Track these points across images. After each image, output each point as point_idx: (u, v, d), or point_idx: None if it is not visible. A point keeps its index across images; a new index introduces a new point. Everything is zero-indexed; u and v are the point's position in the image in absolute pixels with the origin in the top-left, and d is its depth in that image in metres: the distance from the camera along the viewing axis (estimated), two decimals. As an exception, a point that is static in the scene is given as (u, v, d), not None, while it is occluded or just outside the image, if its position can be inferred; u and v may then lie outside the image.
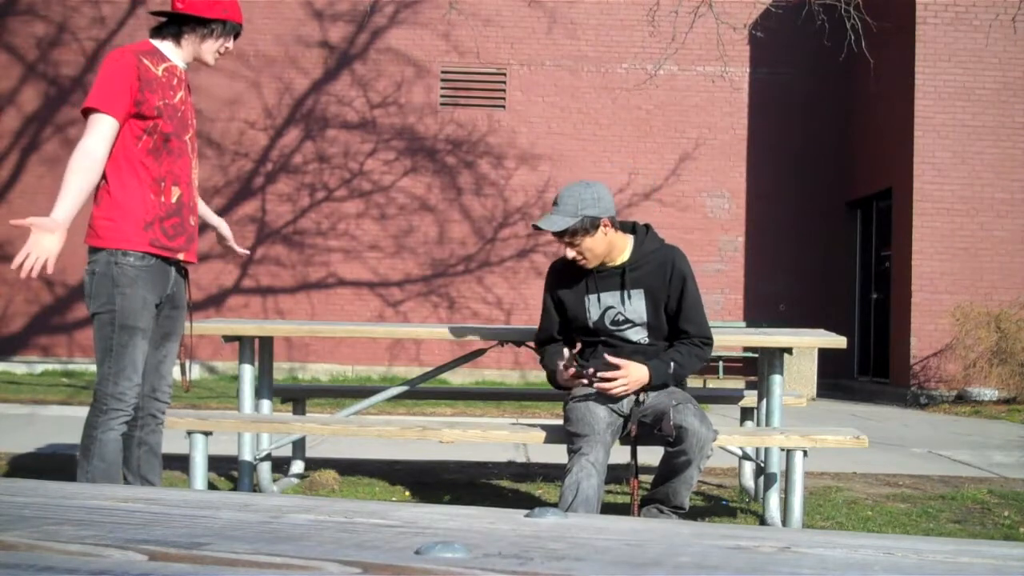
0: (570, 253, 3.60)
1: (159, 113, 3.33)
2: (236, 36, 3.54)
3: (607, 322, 3.70)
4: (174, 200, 3.41)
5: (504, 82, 13.74)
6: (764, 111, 13.69)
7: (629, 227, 3.74)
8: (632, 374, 3.54)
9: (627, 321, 3.69)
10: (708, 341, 3.73)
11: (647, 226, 3.79)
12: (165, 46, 3.46)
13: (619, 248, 3.67)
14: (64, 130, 13.55)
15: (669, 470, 3.55)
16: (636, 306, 3.68)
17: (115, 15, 13.61)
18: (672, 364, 3.62)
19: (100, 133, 3.27)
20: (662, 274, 3.67)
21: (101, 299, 3.35)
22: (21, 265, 3.25)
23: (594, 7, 13.71)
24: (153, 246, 3.36)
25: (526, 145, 13.68)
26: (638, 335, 3.71)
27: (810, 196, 13.67)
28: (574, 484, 3.36)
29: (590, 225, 3.52)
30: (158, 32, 3.50)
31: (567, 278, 3.75)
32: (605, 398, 3.62)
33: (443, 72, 13.73)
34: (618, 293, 3.68)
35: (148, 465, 3.56)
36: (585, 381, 3.58)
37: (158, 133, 3.34)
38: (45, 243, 3.24)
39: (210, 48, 3.47)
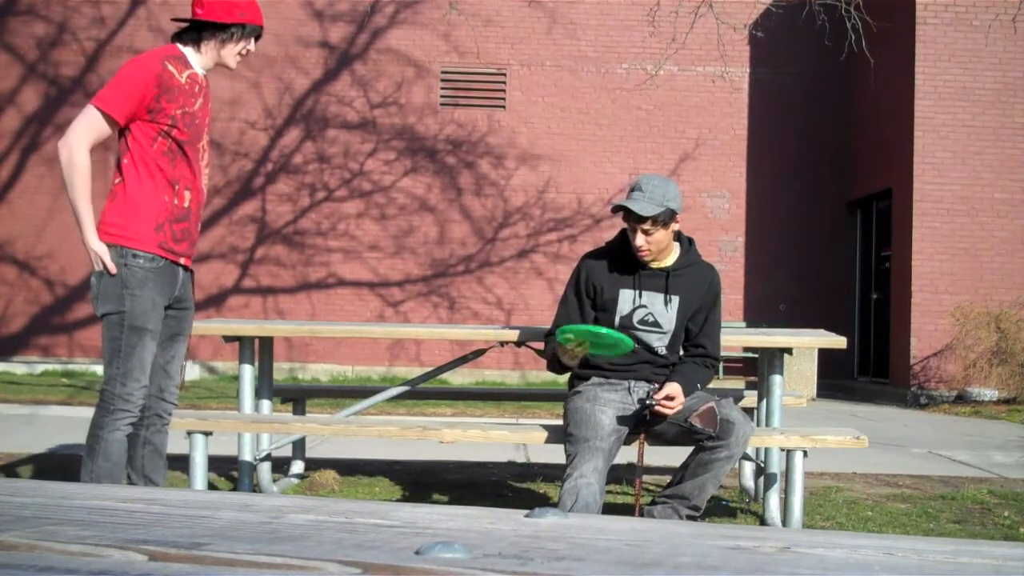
0: (639, 240, 3.60)
1: (174, 123, 3.35)
2: (257, 38, 3.54)
3: (635, 320, 3.70)
4: (186, 204, 3.43)
5: (504, 82, 13.73)
6: (764, 111, 13.69)
7: (675, 236, 3.79)
8: (679, 397, 3.56)
9: (656, 324, 3.70)
10: (718, 362, 3.84)
11: (691, 239, 3.87)
12: (187, 52, 3.48)
13: (669, 250, 3.74)
14: (64, 130, 13.53)
15: (701, 466, 3.53)
16: (670, 313, 3.71)
17: (115, 15, 13.61)
18: (698, 387, 3.68)
19: (81, 129, 3.33)
20: (701, 287, 3.75)
21: (110, 300, 3.35)
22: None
23: (594, 7, 13.71)
24: (161, 248, 3.37)
25: (526, 145, 13.68)
26: (659, 342, 3.72)
27: (810, 196, 13.67)
28: (573, 490, 3.34)
29: (669, 218, 3.58)
30: (179, 38, 3.51)
31: (606, 268, 3.75)
32: (611, 403, 3.63)
33: (443, 72, 13.73)
34: (661, 296, 3.70)
35: (152, 465, 3.57)
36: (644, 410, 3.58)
37: (172, 139, 3.36)
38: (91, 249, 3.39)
39: (231, 52, 3.48)
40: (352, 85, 13.75)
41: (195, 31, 3.46)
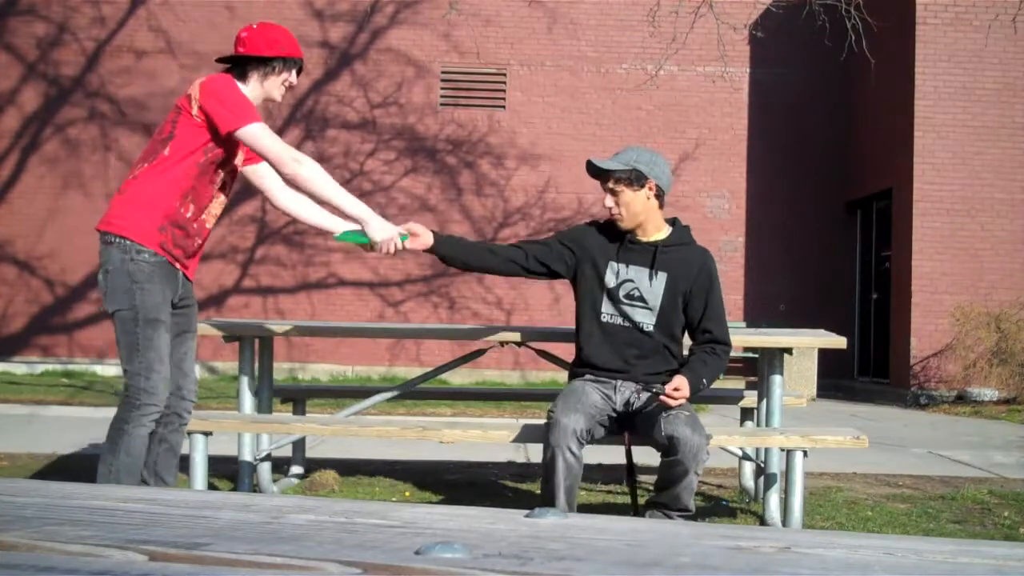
0: (609, 201, 3.62)
1: (223, 143, 3.40)
2: (299, 71, 3.62)
3: (621, 295, 3.70)
4: (188, 215, 3.43)
5: (504, 82, 13.73)
6: (764, 111, 13.68)
7: (670, 221, 3.79)
8: (684, 390, 3.50)
9: (640, 299, 3.69)
10: (728, 347, 3.74)
11: (686, 226, 3.86)
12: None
13: (656, 224, 3.71)
14: (64, 130, 13.54)
15: (668, 477, 3.53)
16: (656, 288, 3.68)
17: (115, 15, 13.60)
18: (703, 383, 3.59)
19: (277, 143, 3.41)
20: (691, 266, 3.70)
21: (120, 296, 3.33)
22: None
23: (594, 7, 13.71)
24: (162, 248, 3.37)
25: (526, 145, 13.67)
26: (645, 318, 3.69)
27: (810, 196, 13.66)
28: (551, 459, 3.42)
29: (635, 178, 3.57)
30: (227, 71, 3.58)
31: (600, 237, 3.76)
32: (598, 392, 3.66)
33: (443, 72, 13.73)
34: (646, 270, 3.68)
35: (165, 463, 3.54)
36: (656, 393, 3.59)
37: (211, 157, 3.38)
38: (383, 233, 3.53)
39: (274, 84, 3.56)
40: (352, 85, 13.75)
41: (240, 67, 3.53)
